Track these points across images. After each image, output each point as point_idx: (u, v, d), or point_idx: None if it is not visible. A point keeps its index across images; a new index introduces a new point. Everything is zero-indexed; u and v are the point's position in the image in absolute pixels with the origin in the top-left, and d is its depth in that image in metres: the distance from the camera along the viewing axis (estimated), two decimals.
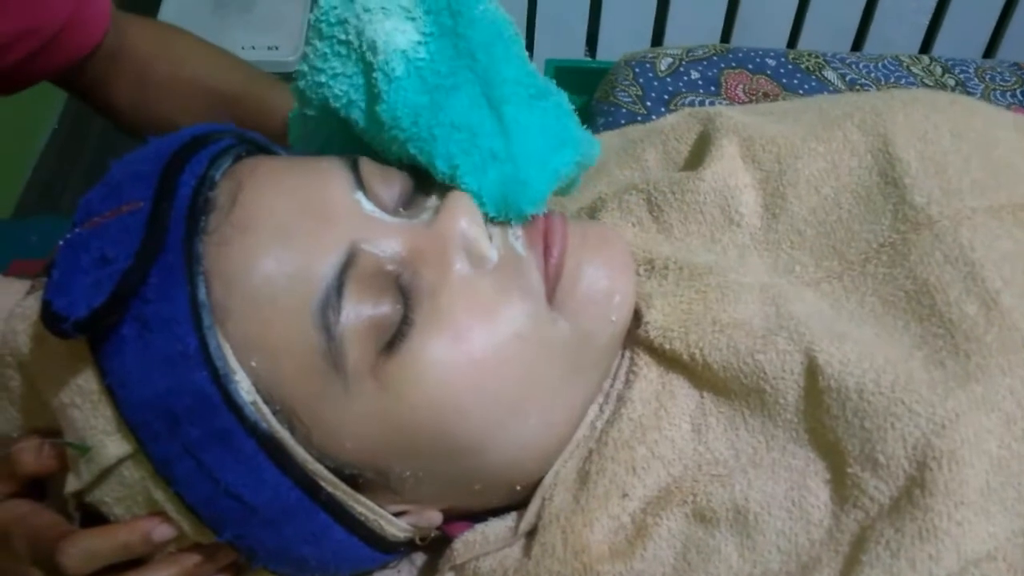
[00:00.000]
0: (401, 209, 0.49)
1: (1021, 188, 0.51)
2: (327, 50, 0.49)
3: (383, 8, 0.48)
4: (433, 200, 0.49)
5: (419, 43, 0.48)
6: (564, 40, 1.81)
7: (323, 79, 0.50)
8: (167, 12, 1.73)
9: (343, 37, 0.49)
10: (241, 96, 0.74)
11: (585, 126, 0.52)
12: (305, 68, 0.51)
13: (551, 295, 0.47)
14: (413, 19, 0.48)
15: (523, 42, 0.51)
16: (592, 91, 1.07)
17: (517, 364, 0.46)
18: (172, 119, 0.72)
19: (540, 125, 0.49)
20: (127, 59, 0.74)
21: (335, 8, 0.49)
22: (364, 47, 0.48)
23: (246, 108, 0.72)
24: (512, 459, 0.48)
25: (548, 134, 0.49)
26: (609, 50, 1.79)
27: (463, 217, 0.47)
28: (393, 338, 0.44)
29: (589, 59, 1.83)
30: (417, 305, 0.45)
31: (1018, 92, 1.04)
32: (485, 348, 0.45)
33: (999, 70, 1.07)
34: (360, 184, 0.47)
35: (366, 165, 0.48)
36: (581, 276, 0.48)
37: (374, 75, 0.48)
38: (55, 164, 1.84)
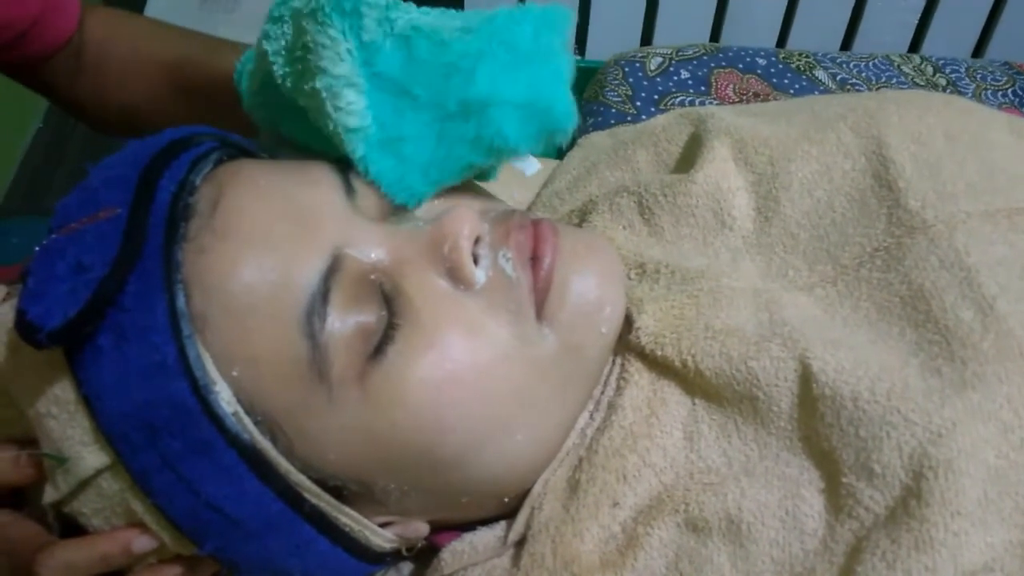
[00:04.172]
0: (390, 216, 0.48)
1: (1016, 192, 0.51)
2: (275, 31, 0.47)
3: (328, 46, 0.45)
4: (425, 211, 0.48)
5: (366, 108, 0.46)
6: None
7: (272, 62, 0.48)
8: (152, 10, 1.72)
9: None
10: (194, 59, 0.70)
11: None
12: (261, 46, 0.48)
13: (540, 308, 0.46)
14: (355, 87, 0.45)
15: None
16: (581, 91, 1.06)
17: (503, 383, 0.45)
18: (134, 103, 0.69)
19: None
20: (86, 48, 0.72)
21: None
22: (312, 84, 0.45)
23: (195, 70, 0.68)
24: (498, 474, 0.47)
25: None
26: (598, 49, 1.79)
27: (453, 233, 0.45)
28: (380, 344, 0.43)
29: (578, 58, 1.82)
30: (401, 313, 0.44)
31: (1009, 92, 1.04)
32: (469, 368, 0.44)
33: (990, 69, 1.07)
34: (349, 189, 0.46)
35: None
36: (570, 288, 0.47)
37: (340, 142, 0.46)
38: (40, 164, 1.82)
